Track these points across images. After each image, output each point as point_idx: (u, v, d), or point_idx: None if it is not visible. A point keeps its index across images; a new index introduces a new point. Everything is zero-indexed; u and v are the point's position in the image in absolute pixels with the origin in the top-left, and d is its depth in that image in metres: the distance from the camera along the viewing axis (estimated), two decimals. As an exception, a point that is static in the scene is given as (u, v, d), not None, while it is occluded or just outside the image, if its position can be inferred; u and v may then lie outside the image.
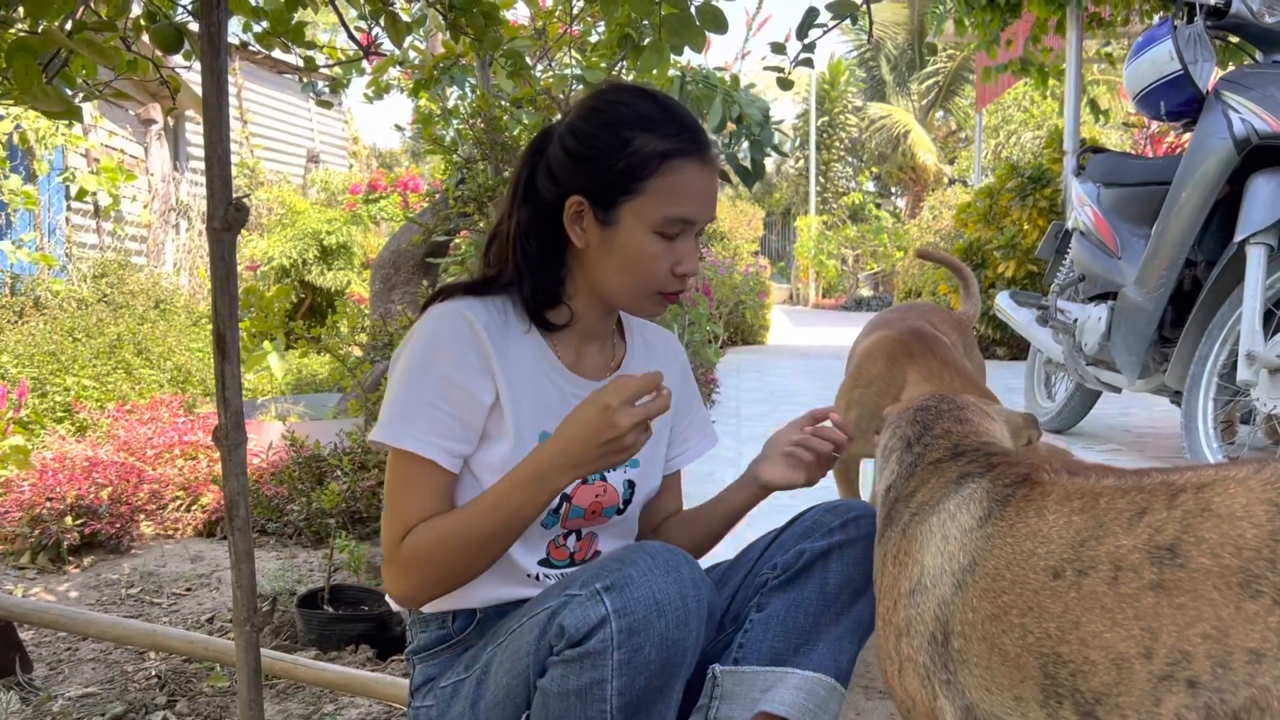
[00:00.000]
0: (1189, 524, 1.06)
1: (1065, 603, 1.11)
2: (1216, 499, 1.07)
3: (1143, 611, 1.06)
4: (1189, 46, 3.40)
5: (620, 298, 1.55)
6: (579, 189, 1.49)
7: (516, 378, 1.53)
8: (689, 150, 1.47)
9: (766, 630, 1.53)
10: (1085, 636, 1.09)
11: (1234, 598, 1.01)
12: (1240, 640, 1.00)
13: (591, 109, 1.53)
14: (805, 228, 23.18)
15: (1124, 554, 1.09)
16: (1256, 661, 0.99)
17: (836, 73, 26.45)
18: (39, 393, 5.64)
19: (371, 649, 2.73)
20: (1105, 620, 1.08)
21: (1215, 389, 3.35)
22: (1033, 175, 8.19)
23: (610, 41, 3.62)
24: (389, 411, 1.49)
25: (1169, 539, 1.07)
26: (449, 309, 1.52)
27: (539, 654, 1.36)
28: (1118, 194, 4.06)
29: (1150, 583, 1.06)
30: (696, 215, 1.49)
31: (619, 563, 1.33)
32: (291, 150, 14.34)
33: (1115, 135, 12.56)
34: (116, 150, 9.38)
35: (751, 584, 1.61)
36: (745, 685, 1.51)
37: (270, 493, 4.01)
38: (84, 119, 8.40)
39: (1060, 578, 1.13)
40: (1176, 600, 1.04)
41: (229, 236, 1.68)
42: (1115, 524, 1.12)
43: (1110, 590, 1.08)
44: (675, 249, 1.50)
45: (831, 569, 1.55)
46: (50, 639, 2.94)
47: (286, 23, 2.48)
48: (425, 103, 4.94)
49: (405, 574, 1.46)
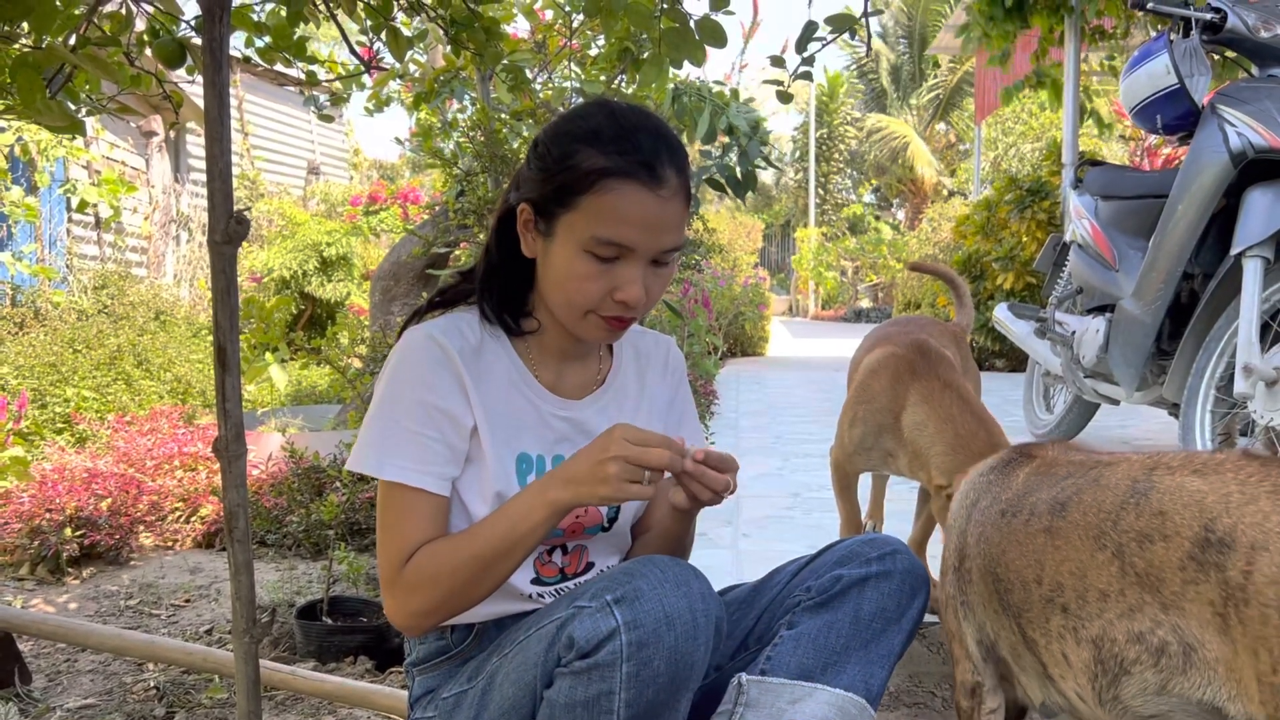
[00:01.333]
0: (1081, 487, 1.35)
1: (1002, 534, 1.43)
2: (1108, 472, 1.34)
3: (1038, 547, 1.36)
4: (1185, 60, 3.41)
5: (558, 312, 1.52)
6: (528, 196, 1.49)
7: (491, 400, 1.52)
8: (630, 172, 1.41)
9: (797, 647, 1.51)
10: (1007, 561, 1.41)
11: (1090, 548, 1.29)
12: (1094, 581, 1.28)
13: (555, 123, 1.53)
14: (805, 240, 23.22)
15: (1036, 503, 1.40)
16: (1103, 600, 1.26)
17: (835, 85, 26.52)
18: (39, 404, 5.64)
19: (370, 660, 2.73)
20: (1017, 550, 1.40)
21: (1213, 401, 3.36)
22: (1031, 188, 8.21)
23: (610, 55, 3.64)
24: (370, 439, 1.48)
25: (1065, 496, 1.36)
26: (420, 336, 1.51)
27: (547, 665, 1.36)
28: (1115, 207, 4.07)
29: (1044, 526, 1.36)
30: (632, 241, 1.42)
31: (629, 575, 1.33)
32: (292, 162, 14.37)
33: (1116, 148, 12.60)
34: (118, 162, 9.40)
35: (781, 605, 1.59)
36: (772, 695, 1.49)
37: (269, 504, 4.01)
38: (86, 132, 8.43)
39: (1003, 516, 1.45)
40: (1056, 542, 1.34)
41: (230, 250, 1.69)
42: (1046, 483, 1.42)
43: (1023, 528, 1.40)
44: (613, 273, 1.44)
45: (867, 596, 1.53)
46: (49, 650, 2.94)
47: (289, 38, 2.49)
48: (425, 116, 4.96)
49: (409, 597, 1.45)
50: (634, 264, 1.45)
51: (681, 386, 1.77)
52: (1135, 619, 1.22)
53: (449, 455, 1.48)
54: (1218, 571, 1.14)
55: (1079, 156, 6.64)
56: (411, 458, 1.46)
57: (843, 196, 27.61)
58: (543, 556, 1.58)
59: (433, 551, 1.45)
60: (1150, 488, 1.26)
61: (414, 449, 1.46)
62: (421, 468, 1.46)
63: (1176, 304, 3.60)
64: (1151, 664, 1.21)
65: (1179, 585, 1.18)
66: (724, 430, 5.72)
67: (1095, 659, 1.27)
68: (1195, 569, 1.17)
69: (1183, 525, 1.20)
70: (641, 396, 1.68)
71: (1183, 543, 1.19)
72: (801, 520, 3.62)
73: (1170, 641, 1.19)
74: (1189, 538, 1.18)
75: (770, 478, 4.45)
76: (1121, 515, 1.26)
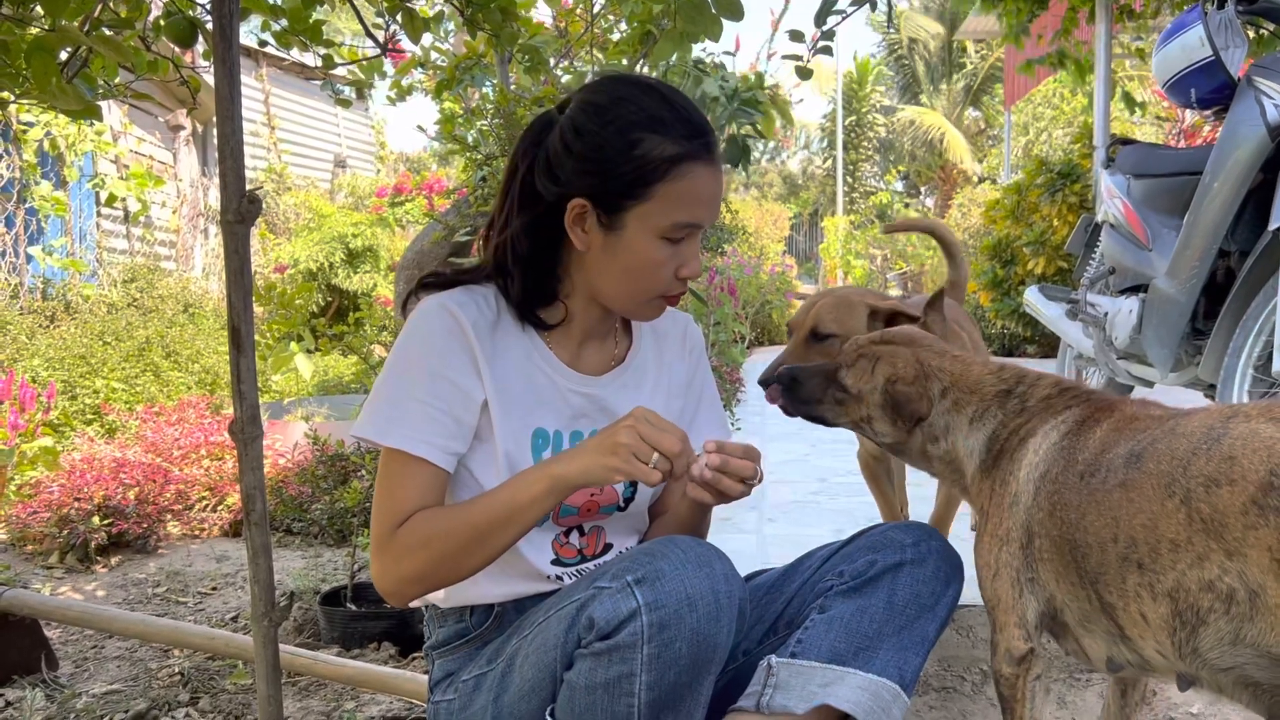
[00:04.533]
0: (1157, 438, 1.30)
1: (1080, 497, 1.35)
2: (1185, 421, 1.30)
3: (1114, 503, 1.30)
4: (1220, 32, 3.32)
5: (619, 302, 1.50)
6: (582, 191, 1.42)
7: (506, 376, 1.49)
8: (699, 153, 1.42)
9: (829, 630, 1.49)
10: (1086, 524, 1.34)
11: (1160, 496, 1.24)
12: (1164, 532, 1.24)
13: (596, 106, 1.44)
14: (832, 228, 23.07)
15: (1114, 458, 1.33)
16: (1174, 550, 1.23)
17: (864, 72, 26.29)
18: (69, 395, 5.69)
19: (394, 646, 2.73)
20: (1094, 510, 1.33)
21: (1250, 381, 3.28)
22: (1062, 171, 8.08)
23: (632, 38, 3.60)
24: (375, 406, 1.46)
25: (1141, 448, 1.30)
26: (435, 305, 1.47)
27: (567, 646, 1.34)
28: (1148, 185, 3.98)
29: (1120, 481, 1.30)
30: (705, 219, 1.45)
31: (650, 556, 1.31)
32: (319, 155, 14.43)
33: (1149, 130, 12.40)
34: (146, 156, 9.47)
35: (813, 590, 1.57)
36: (803, 678, 1.47)
37: (294, 492, 4.02)
38: (102, 117, 8.48)
39: (1082, 478, 1.37)
40: (1130, 495, 1.28)
41: (243, 229, 1.67)
42: (1124, 437, 1.35)
43: (1101, 486, 1.33)
44: (680, 252, 1.45)
45: (901, 581, 1.51)
46: (77, 637, 2.96)
47: (305, 20, 2.47)
48: (449, 105, 4.94)
49: (397, 562, 1.42)
50: (696, 239, 1.47)
51: (701, 363, 1.73)
52: (1204, 567, 1.20)
53: (454, 429, 1.45)
54: (1277, 516, 1.13)
55: (1112, 138, 6.52)
56: (416, 427, 1.43)
57: (871, 184, 27.38)
58: (560, 538, 1.55)
59: (428, 516, 1.42)
60: (1224, 434, 1.23)
61: (420, 418, 1.43)
62: (426, 437, 1.43)
63: (1212, 282, 3.51)
64: (1223, 611, 1.20)
65: (1240, 531, 1.16)
66: (750, 417, 5.68)
67: (1173, 612, 1.24)
68: (1256, 514, 1.15)
69: (1250, 470, 1.18)
70: (660, 375, 1.65)
71: (1247, 487, 1.17)
72: (827, 505, 3.57)
73: (1237, 588, 1.18)
74: (1254, 482, 1.17)
75: (796, 463, 4.41)
76: (1192, 461, 1.23)
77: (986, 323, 8.91)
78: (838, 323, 2.17)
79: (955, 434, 1.60)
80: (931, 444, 1.62)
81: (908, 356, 1.63)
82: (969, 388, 1.60)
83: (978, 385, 1.59)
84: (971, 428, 1.58)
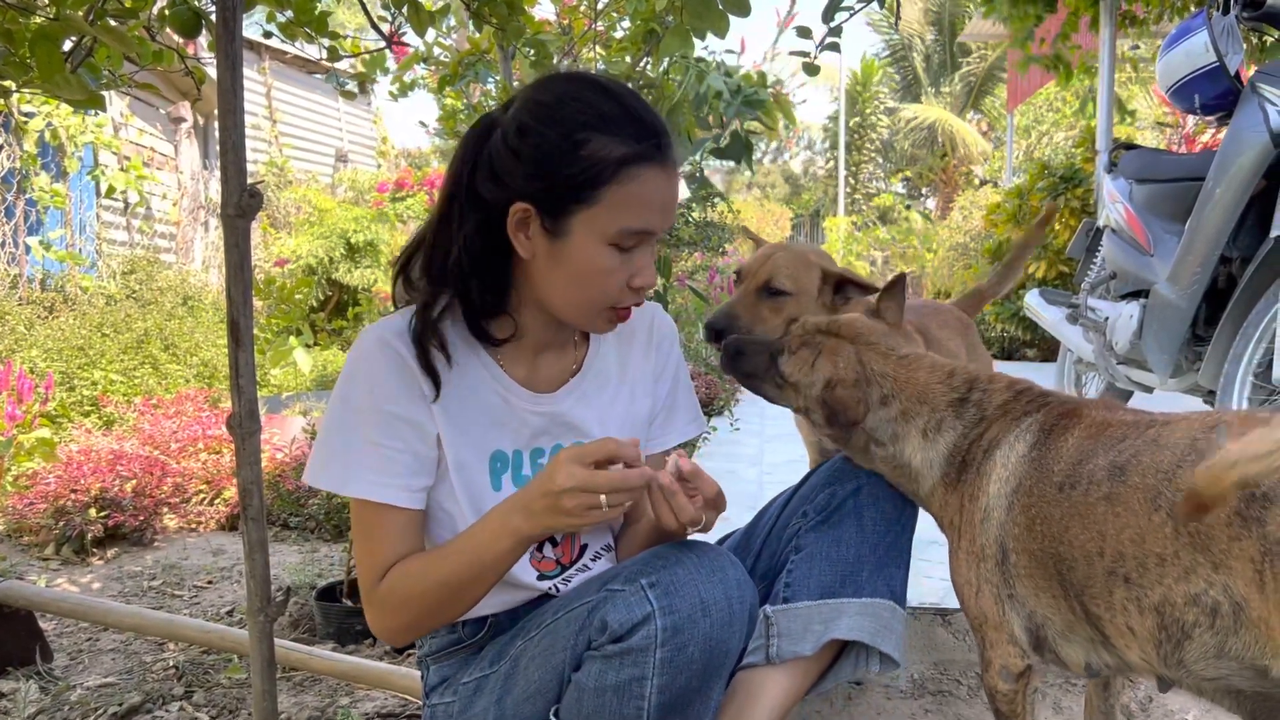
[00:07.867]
0: (1139, 449, 1.28)
1: (1061, 510, 1.33)
2: (1166, 432, 1.28)
3: (1098, 517, 1.28)
4: (1224, 38, 3.32)
5: (568, 313, 1.42)
6: (525, 194, 1.33)
7: (458, 402, 1.43)
8: (650, 155, 1.32)
9: (811, 568, 1.51)
10: (1070, 538, 1.31)
11: (1147, 510, 1.22)
12: (1152, 546, 1.22)
13: (541, 104, 1.35)
14: (834, 229, 23.05)
15: (1095, 470, 1.31)
16: (1161, 565, 1.21)
17: (869, 72, 26.25)
18: (67, 386, 5.68)
19: (389, 643, 2.72)
20: (1079, 524, 1.30)
21: (1250, 388, 3.28)
22: (1065, 174, 8.09)
23: (635, 36, 3.59)
24: (331, 452, 1.40)
25: (1124, 460, 1.28)
26: (374, 341, 1.42)
27: (576, 648, 1.33)
28: (1150, 190, 3.98)
29: (1105, 494, 1.28)
30: (656, 225, 1.35)
31: (664, 561, 1.30)
32: (320, 150, 14.42)
33: (1150, 136, 12.39)
34: (146, 148, 9.45)
35: (781, 535, 1.59)
36: (802, 620, 1.48)
37: (291, 487, 4.01)
38: (106, 108, 8.47)
39: (1061, 490, 1.34)
40: (1116, 509, 1.26)
41: (243, 223, 1.66)
42: (1101, 447, 1.33)
43: (1083, 499, 1.30)
44: (632, 260, 1.37)
45: (864, 504, 1.54)
46: (71, 629, 2.95)
47: (310, 12, 2.46)
48: (451, 100, 4.93)
49: (386, 616, 1.42)
50: (649, 248, 1.39)
51: (672, 352, 1.66)
52: (1191, 581, 1.19)
53: (415, 465, 1.41)
54: (1258, 526, 1.12)
55: (1114, 143, 6.52)
56: (375, 470, 1.38)
57: (874, 186, 27.35)
58: (534, 554, 1.52)
59: (404, 573, 1.39)
60: (1207, 445, 1.22)
61: (377, 461, 1.39)
62: (386, 480, 1.39)
63: (1213, 288, 3.51)
64: (1208, 625, 1.19)
65: (1225, 543, 1.15)
66: (749, 417, 5.68)
67: (1159, 626, 1.24)
68: (1239, 525, 1.14)
69: None
70: (623, 378, 1.60)
71: None
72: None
73: (1222, 602, 1.17)
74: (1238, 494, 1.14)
75: (796, 464, 4.40)
76: (1177, 474, 1.22)
77: (986, 326, 8.91)
78: (792, 279, 2.14)
79: (904, 443, 1.55)
80: (877, 446, 1.57)
81: (850, 357, 1.58)
82: (917, 396, 1.54)
83: (927, 394, 1.54)
84: (927, 440, 1.53)
